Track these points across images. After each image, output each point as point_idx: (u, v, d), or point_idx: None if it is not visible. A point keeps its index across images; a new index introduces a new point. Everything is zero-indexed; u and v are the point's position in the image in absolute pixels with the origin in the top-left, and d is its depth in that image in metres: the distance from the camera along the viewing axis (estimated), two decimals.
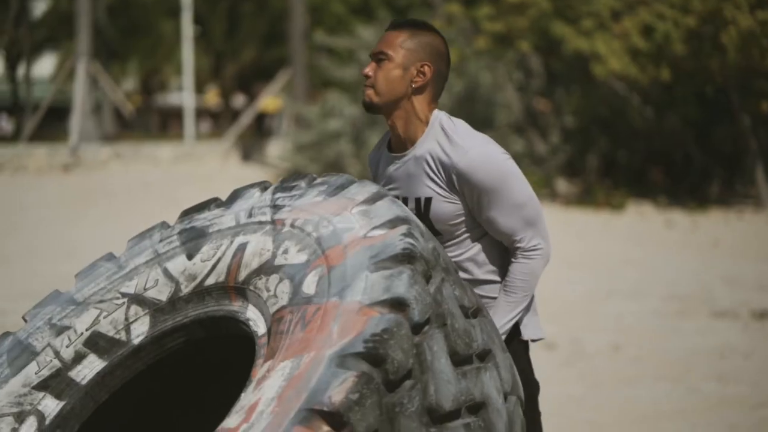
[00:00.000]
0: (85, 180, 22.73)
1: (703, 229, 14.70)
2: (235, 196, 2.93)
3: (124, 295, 2.88)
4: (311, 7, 26.67)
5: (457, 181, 2.99)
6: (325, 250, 2.56)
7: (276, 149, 24.46)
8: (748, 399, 6.32)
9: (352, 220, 2.62)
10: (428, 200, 3.03)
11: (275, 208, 2.78)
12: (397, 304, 2.39)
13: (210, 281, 2.75)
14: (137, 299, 2.86)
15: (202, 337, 2.81)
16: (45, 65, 44.40)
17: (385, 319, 2.35)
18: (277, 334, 2.47)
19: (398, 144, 3.10)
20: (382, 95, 3.03)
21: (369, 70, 3.05)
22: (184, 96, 31.32)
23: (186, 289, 2.79)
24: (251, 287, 2.65)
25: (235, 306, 2.68)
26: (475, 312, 2.71)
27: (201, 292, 2.76)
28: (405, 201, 3.08)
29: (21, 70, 40.29)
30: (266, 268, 2.63)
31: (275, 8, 35.48)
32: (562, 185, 18.75)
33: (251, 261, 2.68)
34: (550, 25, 17.82)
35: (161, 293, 2.83)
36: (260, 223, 2.76)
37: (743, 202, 17.40)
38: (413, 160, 3.05)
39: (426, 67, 3.03)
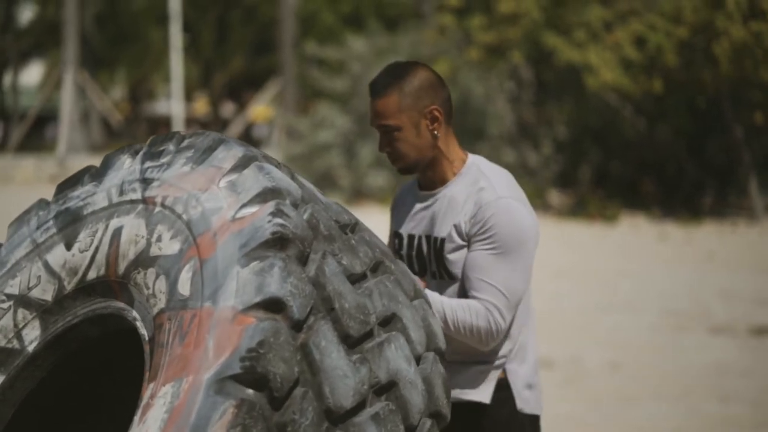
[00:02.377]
0: None
1: (697, 241, 14.64)
2: (106, 165, 2.67)
3: (9, 297, 2.65)
4: (301, 17, 26.59)
5: (476, 215, 2.82)
6: (196, 238, 2.36)
7: None
8: (749, 419, 6.24)
9: (220, 197, 2.39)
10: (443, 240, 2.87)
11: (145, 182, 2.54)
12: (273, 306, 2.19)
13: (92, 275, 2.54)
14: (23, 301, 2.64)
15: (97, 335, 2.60)
16: (32, 74, 44.23)
17: (260, 328, 2.15)
18: (159, 347, 2.29)
19: (427, 183, 2.95)
20: (411, 160, 2.86)
21: (384, 145, 2.87)
22: (172, 105, 31.19)
23: (69, 285, 2.58)
24: (131, 282, 2.44)
25: (121, 303, 2.49)
26: (375, 267, 2.47)
27: (86, 288, 2.56)
28: (425, 240, 2.92)
29: (7, 79, 40.12)
30: (143, 260, 2.43)
31: (264, 17, 35.40)
32: (554, 197, 18.70)
33: (128, 250, 2.47)
34: (542, 36, 17.77)
35: (46, 292, 2.61)
36: (132, 202, 2.53)
37: (737, 214, 17.35)
38: (443, 200, 2.90)
39: (435, 111, 2.85)
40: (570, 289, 10.80)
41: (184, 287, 2.32)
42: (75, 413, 2.93)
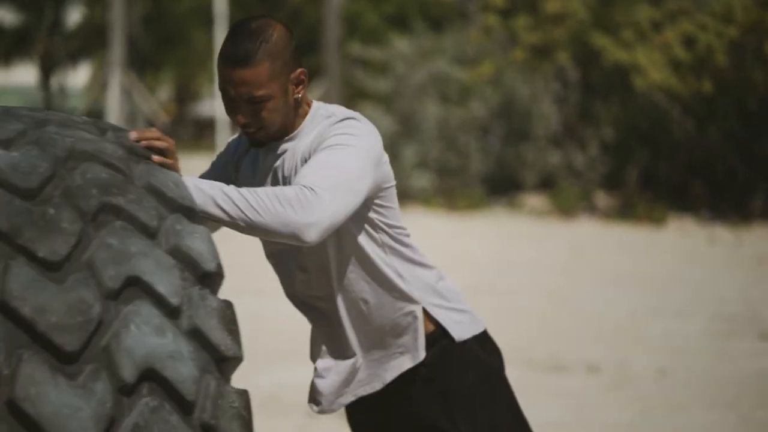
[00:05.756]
0: None
1: (748, 244, 14.37)
2: None
3: None
4: (345, 18, 26.54)
5: (320, 137, 2.59)
6: None
7: None
8: None
9: None
10: None
11: None
12: None
13: None
14: None
15: None
16: (81, 75, 44.57)
17: None
18: None
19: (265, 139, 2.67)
20: (275, 129, 2.60)
21: (246, 117, 2.56)
22: (216, 107, 31.29)
23: None
24: None
25: None
26: (95, 216, 1.97)
27: None
28: None
29: (55, 80, 40.48)
30: None
31: (309, 18, 35.41)
32: (601, 199, 18.47)
33: None
34: (589, 37, 17.58)
35: None
36: None
37: None
38: (291, 152, 2.64)
39: (301, 75, 2.62)
40: (616, 293, 10.61)
41: None
42: None
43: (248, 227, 2.37)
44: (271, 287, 9.10)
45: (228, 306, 2.10)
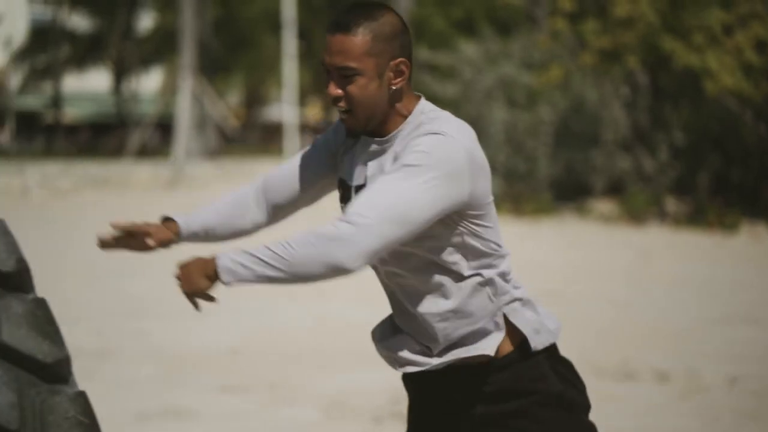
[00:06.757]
0: (188, 196, 22.87)
1: None
2: None
3: None
4: (412, 23, 26.55)
5: (404, 148, 2.51)
6: None
7: None
8: None
9: None
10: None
11: None
12: None
13: None
14: None
15: None
16: (153, 80, 45.13)
17: None
18: None
19: (367, 134, 2.59)
20: (365, 114, 2.51)
21: (336, 89, 2.50)
22: (284, 112, 31.47)
23: None
24: None
25: None
26: None
27: None
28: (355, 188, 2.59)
29: (128, 85, 41.03)
30: None
31: None
32: (671, 204, 18.27)
33: None
34: (659, 40, 17.41)
35: None
36: None
37: None
38: (382, 156, 2.57)
39: (403, 65, 2.54)
40: (687, 299, 10.49)
41: None
42: None
43: (290, 279, 2.35)
44: (337, 291, 9.13)
45: (39, 305, 1.83)
